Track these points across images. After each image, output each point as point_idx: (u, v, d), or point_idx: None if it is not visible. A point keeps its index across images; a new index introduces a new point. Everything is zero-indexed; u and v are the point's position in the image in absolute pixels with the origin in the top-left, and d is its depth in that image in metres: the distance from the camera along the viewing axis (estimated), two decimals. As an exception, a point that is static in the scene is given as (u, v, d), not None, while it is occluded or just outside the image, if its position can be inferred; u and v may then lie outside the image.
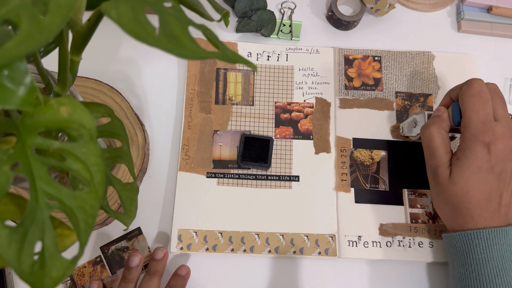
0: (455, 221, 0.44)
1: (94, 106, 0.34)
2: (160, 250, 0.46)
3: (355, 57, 0.57)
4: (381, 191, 0.52)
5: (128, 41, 0.56)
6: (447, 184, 0.43)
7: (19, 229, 0.22)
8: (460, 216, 0.43)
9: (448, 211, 0.44)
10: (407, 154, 0.53)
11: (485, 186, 0.41)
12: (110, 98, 0.51)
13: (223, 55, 0.22)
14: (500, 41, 0.59)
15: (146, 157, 0.51)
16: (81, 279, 0.48)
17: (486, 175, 0.41)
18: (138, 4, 0.22)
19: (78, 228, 0.23)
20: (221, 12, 0.33)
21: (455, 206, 0.43)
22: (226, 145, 0.52)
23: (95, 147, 0.23)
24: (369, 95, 0.55)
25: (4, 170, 0.22)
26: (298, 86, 0.55)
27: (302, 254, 0.49)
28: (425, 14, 0.60)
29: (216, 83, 0.55)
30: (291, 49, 0.57)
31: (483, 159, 0.41)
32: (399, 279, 0.49)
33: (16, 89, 0.20)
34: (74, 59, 0.28)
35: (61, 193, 0.23)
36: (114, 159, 0.35)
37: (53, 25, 0.20)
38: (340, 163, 0.52)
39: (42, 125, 0.23)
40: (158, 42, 0.21)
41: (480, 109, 0.41)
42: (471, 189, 0.41)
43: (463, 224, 0.43)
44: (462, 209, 0.42)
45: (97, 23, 0.26)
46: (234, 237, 0.49)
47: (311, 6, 0.60)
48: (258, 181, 0.51)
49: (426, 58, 0.57)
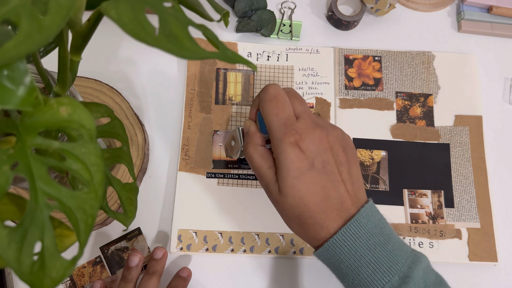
0: (308, 235, 0.39)
1: (93, 106, 0.34)
2: (159, 250, 0.46)
3: (355, 57, 0.57)
4: (381, 191, 0.52)
5: (128, 41, 0.56)
6: (280, 199, 0.38)
7: (19, 229, 0.22)
8: (309, 228, 0.38)
9: (297, 226, 0.39)
10: (407, 154, 0.53)
11: (315, 186, 0.37)
12: (110, 98, 0.51)
13: (223, 55, 0.22)
14: (500, 41, 0.59)
15: (146, 157, 0.51)
16: (81, 279, 0.48)
17: (310, 174, 0.37)
18: (138, 4, 0.22)
19: (78, 228, 0.23)
20: (221, 12, 0.33)
21: (299, 220, 0.38)
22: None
23: (95, 147, 0.23)
24: (369, 95, 0.55)
25: (3, 170, 0.22)
26: (298, 86, 0.55)
27: (302, 254, 0.49)
28: (425, 14, 0.60)
29: (216, 83, 0.55)
30: (291, 49, 0.57)
31: (299, 159, 0.37)
32: (399, 279, 0.49)
33: (16, 89, 0.20)
34: (74, 59, 0.28)
35: (60, 193, 0.23)
36: (113, 159, 0.35)
37: (53, 25, 0.19)
38: (340, 163, 0.52)
39: (42, 125, 0.23)
40: (158, 42, 0.21)
41: (280, 112, 0.38)
42: (302, 195, 0.37)
43: (317, 236, 0.38)
44: (306, 219, 0.37)
45: (97, 23, 0.26)
46: (234, 237, 0.49)
47: (311, 6, 0.60)
48: (258, 181, 0.51)
49: (426, 58, 0.57)
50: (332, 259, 0.37)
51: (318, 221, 0.37)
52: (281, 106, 0.38)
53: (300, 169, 0.37)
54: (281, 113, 0.38)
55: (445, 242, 0.50)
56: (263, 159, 0.40)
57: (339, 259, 0.37)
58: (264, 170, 0.40)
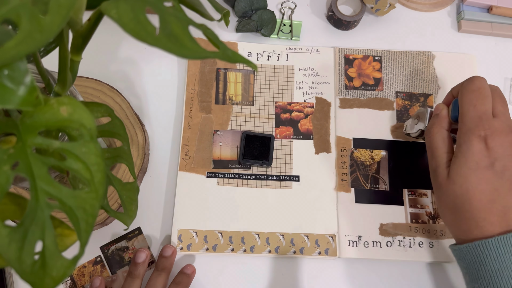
0: (458, 227, 0.40)
1: (94, 106, 0.34)
2: (168, 248, 0.47)
3: (355, 57, 0.57)
4: (381, 191, 0.52)
5: (128, 41, 0.56)
6: (445, 184, 0.40)
7: (20, 228, 0.22)
8: (463, 221, 0.39)
9: (450, 216, 0.41)
10: (407, 154, 0.53)
11: (486, 184, 0.38)
12: (110, 98, 0.51)
13: (224, 55, 0.22)
14: (500, 41, 0.59)
15: (146, 157, 0.51)
16: (81, 279, 0.48)
17: (486, 172, 0.38)
18: (138, 3, 0.22)
19: (79, 227, 0.23)
20: (221, 12, 0.33)
21: (456, 209, 0.40)
22: (226, 145, 0.52)
23: (95, 147, 0.23)
24: (369, 95, 0.55)
25: (4, 170, 0.22)
26: (298, 86, 0.55)
27: (302, 254, 0.49)
28: (425, 14, 0.60)
29: (216, 83, 0.55)
30: (291, 49, 0.57)
31: (481, 154, 0.38)
32: (399, 279, 0.49)
33: (16, 88, 0.20)
34: (74, 58, 0.28)
35: (61, 193, 0.23)
36: (114, 159, 0.35)
37: (53, 24, 0.20)
38: (340, 163, 0.52)
39: (42, 125, 0.23)
40: (158, 42, 0.21)
41: (478, 104, 0.39)
42: (471, 187, 0.38)
43: (467, 231, 0.39)
44: (463, 211, 0.39)
45: (97, 22, 0.26)
46: (234, 237, 0.49)
47: (311, 6, 0.60)
48: (258, 181, 0.51)
49: (426, 58, 0.57)
50: (474, 258, 0.38)
51: (476, 219, 0.38)
52: (481, 99, 0.39)
53: (478, 164, 0.38)
54: (479, 106, 0.39)
55: (445, 241, 0.50)
56: (443, 142, 0.42)
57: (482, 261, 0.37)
58: (441, 153, 0.42)
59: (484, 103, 0.39)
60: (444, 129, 0.43)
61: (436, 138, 0.43)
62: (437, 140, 0.43)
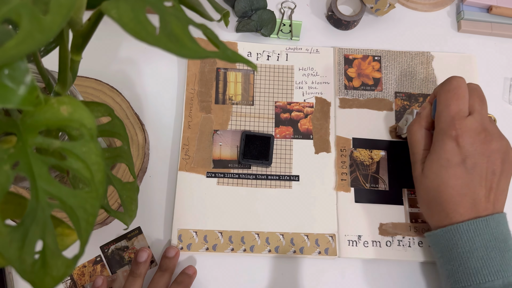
0: (432, 217, 0.43)
1: (94, 106, 0.34)
2: (172, 249, 0.47)
3: (355, 57, 0.57)
4: (381, 190, 0.52)
5: (128, 40, 0.56)
6: (420, 179, 0.43)
7: (20, 228, 0.22)
8: (436, 213, 0.42)
9: (425, 207, 0.44)
10: (406, 154, 0.53)
11: (457, 180, 0.40)
12: (110, 98, 0.51)
13: (223, 55, 0.22)
14: (500, 41, 0.59)
15: (146, 157, 0.51)
16: (81, 279, 0.48)
17: (457, 169, 0.40)
18: (139, 3, 0.22)
19: (79, 227, 0.23)
20: (221, 11, 0.33)
21: (429, 201, 0.43)
22: (226, 144, 0.52)
23: (96, 147, 0.23)
24: (368, 95, 0.55)
25: (4, 169, 0.22)
26: (298, 85, 0.55)
27: (302, 253, 0.49)
28: (425, 14, 0.61)
29: (216, 82, 0.55)
30: (291, 48, 0.57)
31: (452, 152, 0.40)
32: (399, 278, 0.49)
33: (17, 88, 0.20)
34: (75, 58, 0.28)
35: (61, 192, 0.23)
36: (114, 159, 0.35)
37: (54, 24, 0.20)
38: (340, 162, 0.52)
39: (43, 124, 0.23)
40: (158, 42, 0.21)
41: (452, 104, 0.41)
42: (442, 183, 0.41)
43: (439, 222, 0.42)
44: (435, 204, 0.42)
45: (98, 22, 0.26)
46: (234, 237, 0.49)
47: (311, 6, 0.60)
48: (258, 180, 0.51)
49: (425, 58, 0.57)
50: (447, 242, 0.41)
51: (445, 210, 0.41)
52: (455, 99, 0.41)
53: (450, 161, 0.40)
54: (453, 106, 0.41)
55: (445, 241, 0.50)
56: (422, 140, 0.45)
57: (454, 244, 0.40)
58: (418, 150, 0.45)
59: (458, 103, 0.41)
60: (423, 127, 0.45)
61: (415, 135, 0.45)
62: (416, 138, 0.45)
